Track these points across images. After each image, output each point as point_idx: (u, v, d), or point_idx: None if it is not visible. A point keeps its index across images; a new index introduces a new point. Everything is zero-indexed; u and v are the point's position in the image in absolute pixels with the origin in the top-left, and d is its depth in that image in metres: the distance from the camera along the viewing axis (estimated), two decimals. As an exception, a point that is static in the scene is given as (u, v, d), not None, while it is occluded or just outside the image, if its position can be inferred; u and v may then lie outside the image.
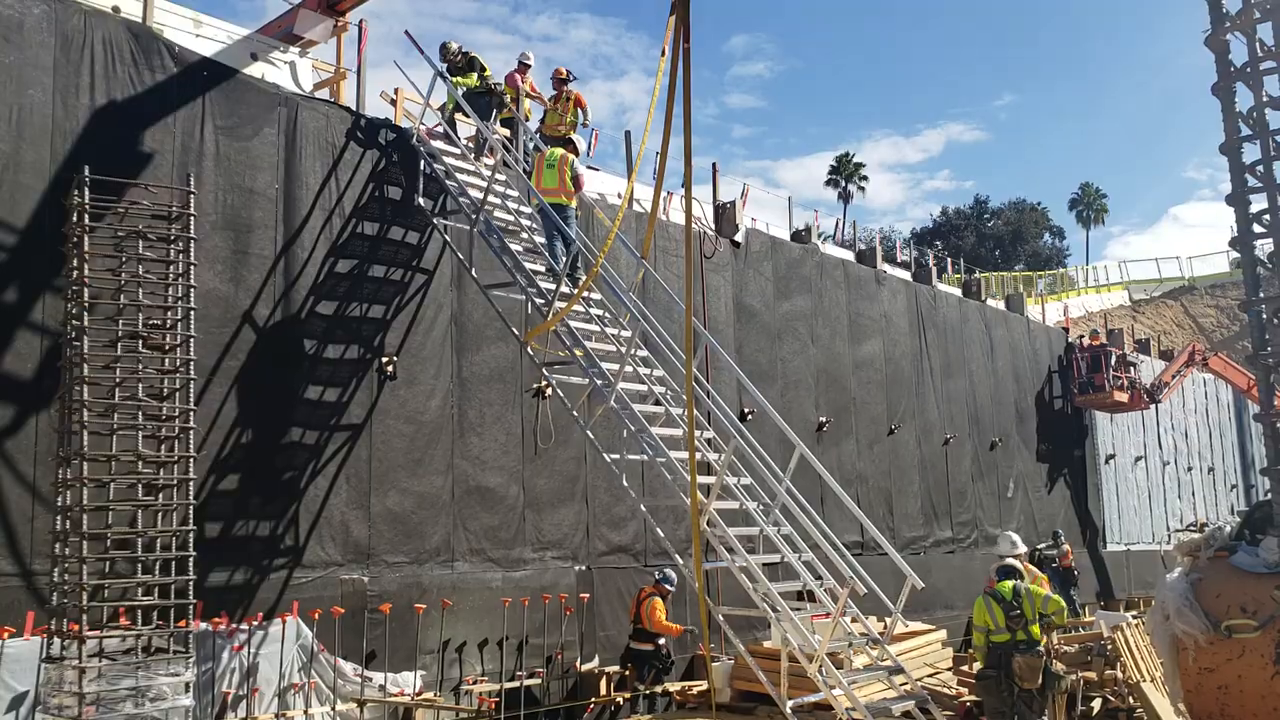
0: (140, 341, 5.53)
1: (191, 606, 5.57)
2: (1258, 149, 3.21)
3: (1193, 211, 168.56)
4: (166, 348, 5.65)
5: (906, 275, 24.17)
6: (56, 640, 5.18)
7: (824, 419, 19.60)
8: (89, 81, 10.86)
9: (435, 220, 13.62)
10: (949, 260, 30.51)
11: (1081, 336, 29.57)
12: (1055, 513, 26.62)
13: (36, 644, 9.45)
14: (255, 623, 11.22)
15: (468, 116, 13.99)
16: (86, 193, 5.74)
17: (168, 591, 5.52)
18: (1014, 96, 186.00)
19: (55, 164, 10.50)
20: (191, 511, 5.74)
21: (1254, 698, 8.02)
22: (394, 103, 15.24)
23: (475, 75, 14.23)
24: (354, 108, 13.74)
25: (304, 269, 12.51)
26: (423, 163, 13.59)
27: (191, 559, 5.66)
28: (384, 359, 13.05)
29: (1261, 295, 2.73)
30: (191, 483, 5.77)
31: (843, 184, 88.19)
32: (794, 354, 19.37)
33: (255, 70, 12.83)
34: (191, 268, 5.90)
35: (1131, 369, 28.52)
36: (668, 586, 13.83)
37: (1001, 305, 28.29)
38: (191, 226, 6.00)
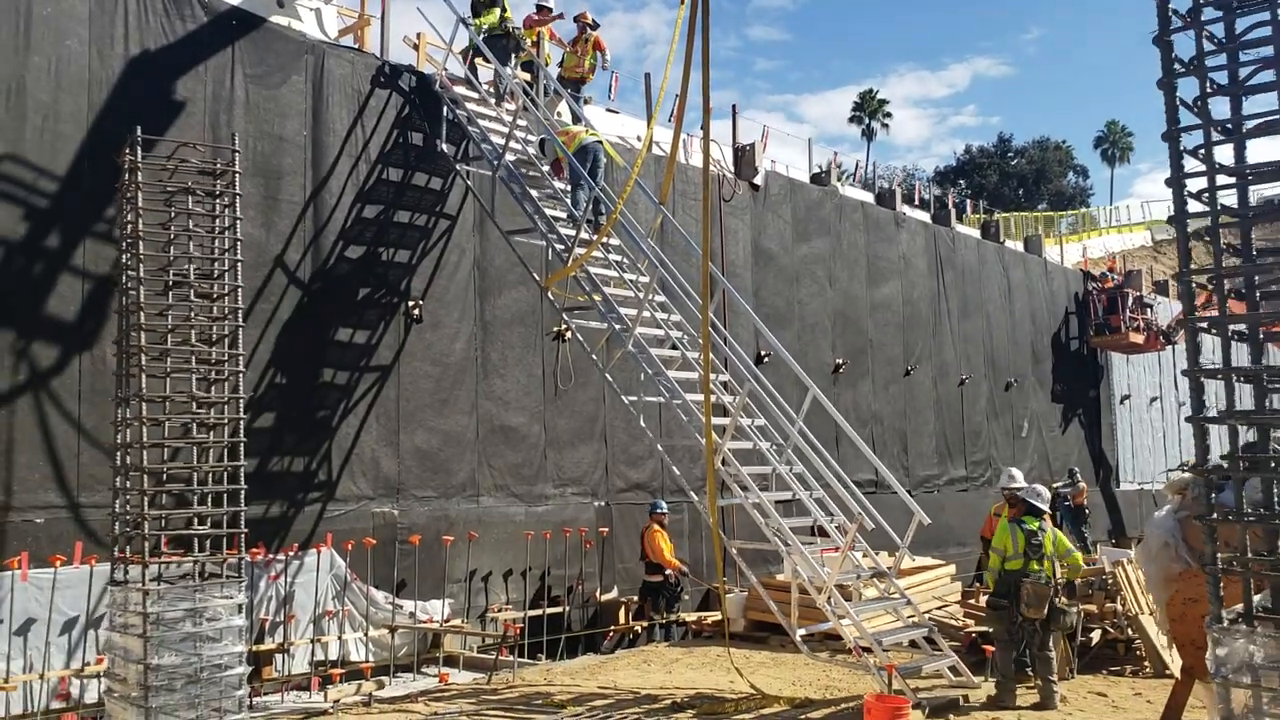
0: (191, 290, 5.93)
1: (242, 535, 6.06)
2: (1198, 136, 3.42)
3: (1223, 146, 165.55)
4: (214, 296, 6.05)
5: (926, 217, 24.28)
6: (121, 566, 5.66)
7: (840, 360, 19.93)
8: (123, 32, 11.17)
9: (458, 166, 13.91)
10: (968, 202, 30.52)
11: (1088, 274, 29.52)
12: (1069, 452, 26.96)
13: (85, 572, 10.09)
14: (291, 553, 11.78)
15: (487, 61, 14.19)
16: (139, 151, 6.09)
17: (219, 521, 5.99)
18: (1042, 30, 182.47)
19: (93, 113, 10.88)
20: (242, 448, 6.20)
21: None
22: (416, 48, 15.43)
23: (497, 12, 14.26)
24: (378, 54, 13.97)
25: (332, 215, 12.87)
26: (445, 109, 13.84)
27: (242, 491, 6.12)
28: (410, 303, 13.45)
29: (1192, 268, 2.98)
30: (241, 421, 6.22)
31: (866, 121, 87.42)
32: (811, 296, 19.64)
33: (282, 18, 13.06)
34: (238, 221, 6.28)
35: (1148, 310, 28.61)
36: (660, 512, 14.57)
37: (1020, 247, 28.35)
38: (237, 183, 6.37)
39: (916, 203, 25.81)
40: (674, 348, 12.28)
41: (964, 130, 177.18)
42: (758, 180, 18.80)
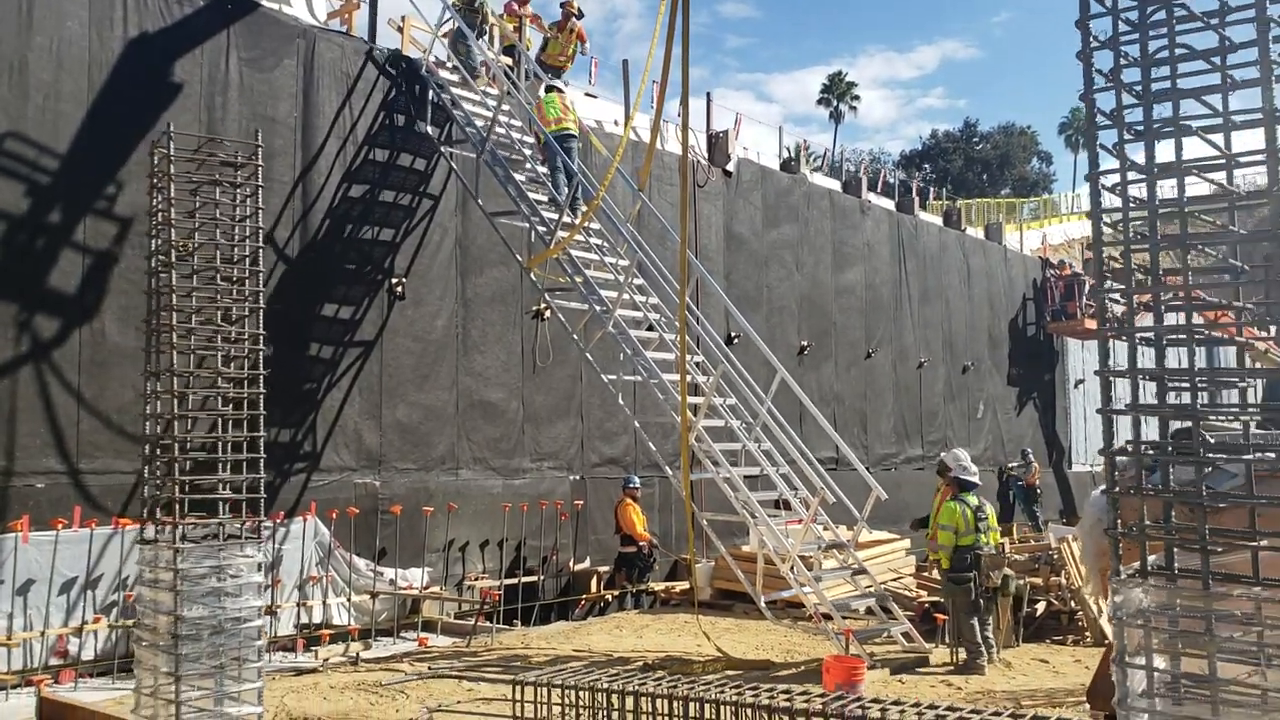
0: (217, 274, 6.41)
1: (262, 500, 6.58)
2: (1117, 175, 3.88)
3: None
4: (235, 279, 6.54)
5: (890, 204, 24.98)
6: (150, 527, 6.17)
7: (805, 343, 20.60)
8: (122, 14, 11.51)
9: (442, 148, 14.35)
10: (931, 190, 31.32)
11: (1046, 261, 30.42)
12: (1023, 434, 27.89)
13: (85, 535, 10.59)
14: (278, 521, 12.27)
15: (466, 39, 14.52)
16: (172, 146, 6.54)
17: (239, 487, 6.50)
18: (1011, 13, 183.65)
19: (93, 93, 11.26)
20: (262, 421, 6.70)
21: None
22: (400, 30, 15.81)
23: None
24: (366, 37, 14.35)
25: (320, 194, 13.28)
26: (431, 93, 14.27)
27: (261, 460, 6.63)
28: (394, 280, 13.91)
29: (1107, 286, 3.48)
30: (261, 395, 6.72)
31: (835, 104, 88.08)
32: (780, 280, 20.29)
33: (273, 2, 13.40)
34: (259, 211, 6.76)
35: (1104, 298, 29.49)
36: (633, 487, 15.21)
37: (981, 234, 29.15)
38: (259, 175, 6.83)
39: (880, 190, 26.47)
40: (650, 329, 12.86)
41: (931, 112, 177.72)
42: (730, 167, 19.36)
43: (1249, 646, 3.38)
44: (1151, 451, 4.22)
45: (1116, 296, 3.93)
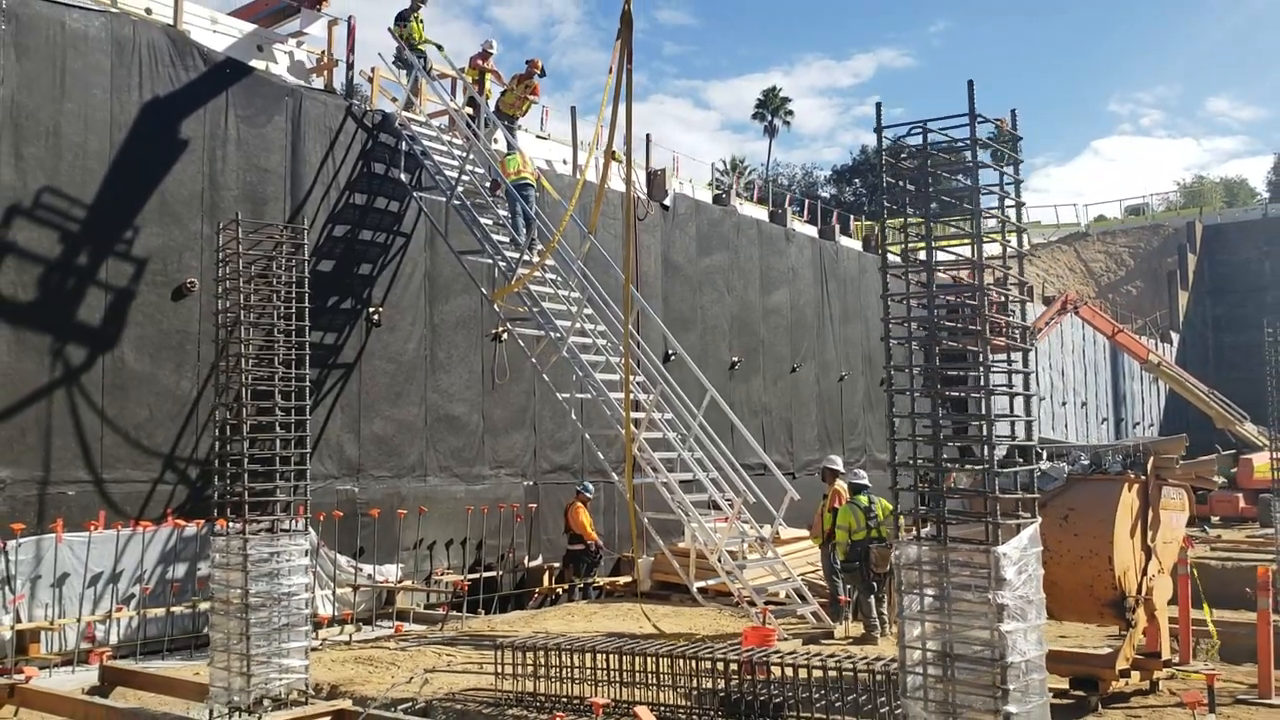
0: (274, 327, 8.17)
1: (307, 501, 8.35)
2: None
3: (1112, 145, 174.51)
4: (286, 330, 8.31)
5: (813, 231, 27.25)
6: (224, 523, 7.91)
7: (736, 359, 22.72)
8: (138, 81, 13.18)
9: (413, 194, 16.17)
10: (851, 218, 33.71)
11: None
12: (936, 441, 30.28)
13: (112, 535, 12.25)
14: (271, 523, 13.97)
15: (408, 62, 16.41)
16: (240, 230, 8.32)
17: (288, 491, 8.27)
18: (947, 23, 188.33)
19: (113, 151, 12.91)
20: (308, 440, 8.45)
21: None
22: (371, 79, 17.57)
23: (419, 27, 16.51)
24: (344, 92, 16.10)
25: (306, 235, 14.97)
26: (403, 144, 16.09)
27: (307, 470, 8.40)
28: (371, 309, 15.68)
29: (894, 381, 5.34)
30: (307, 420, 8.48)
31: (769, 118, 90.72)
32: (712, 303, 22.39)
33: (260, 61, 15.10)
34: (305, 279, 8.54)
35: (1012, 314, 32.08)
36: (586, 494, 17.07)
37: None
38: (305, 250, 8.62)
39: (806, 214, 28.70)
40: (597, 353, 14.84)
41: (868, 120, 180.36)
42: (667, 201, 21.41)
43: (976, 580, 5.47)
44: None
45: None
